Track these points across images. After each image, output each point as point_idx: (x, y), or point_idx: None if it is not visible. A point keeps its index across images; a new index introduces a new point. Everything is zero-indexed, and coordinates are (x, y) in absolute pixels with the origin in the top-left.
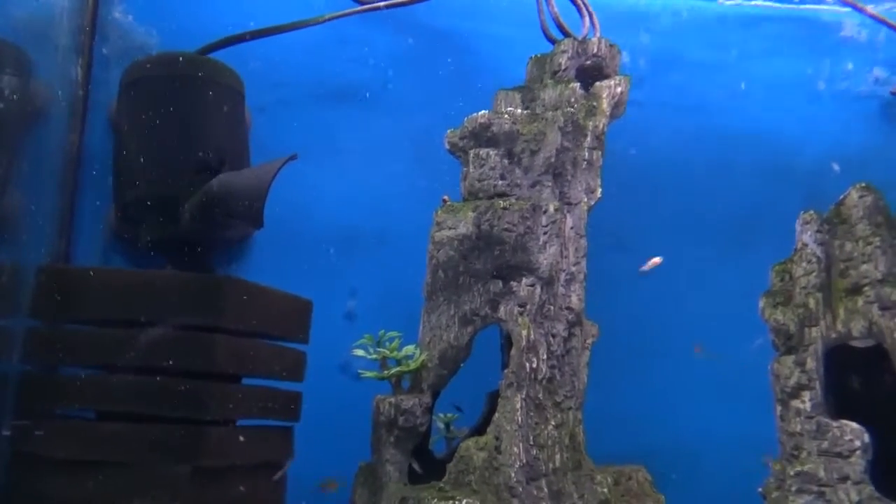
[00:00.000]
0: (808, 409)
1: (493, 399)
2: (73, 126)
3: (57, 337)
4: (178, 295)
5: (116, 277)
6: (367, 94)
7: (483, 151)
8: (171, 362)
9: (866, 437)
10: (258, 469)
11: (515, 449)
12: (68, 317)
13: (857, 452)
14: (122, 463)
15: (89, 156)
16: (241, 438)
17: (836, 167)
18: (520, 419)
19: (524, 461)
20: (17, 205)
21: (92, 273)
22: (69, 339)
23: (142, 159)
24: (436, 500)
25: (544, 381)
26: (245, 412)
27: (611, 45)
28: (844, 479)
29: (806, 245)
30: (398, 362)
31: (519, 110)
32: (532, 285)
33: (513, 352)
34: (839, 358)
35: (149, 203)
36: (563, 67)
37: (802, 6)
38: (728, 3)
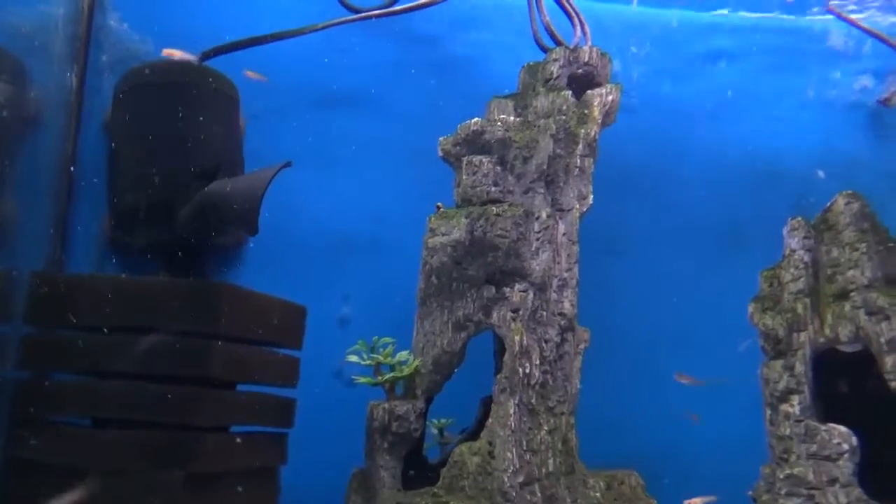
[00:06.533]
0: (797, 413)
1: (487, 404)
2: (68, 133)
3: (51, 343)
4: (172, 301)
5: (111, 284)
6: (362, 101)
7: (476, 158)
8: (165, 369)
9: (854, 441)
10: (252, 475)
11: (509, 454)
12: (63, 323)
13: (846, 455)
14: (117, 469)
15: (84, 163)
16: (235, 445)
17: (820, 174)
18: (513, 424)
19: (517, 466)
20: (11, 211)
21: (86, 279)
22: (64, 346)
23: (136, 166)
24: None
25: (537, 387)
26: (239, 418)
27: (602, 54)
28: (833, 481)
29: (794, 251)
30: (392, 368)
31: (511, 118)
32: (525, 291)
33: (506, 357)
34: (827, 362)
35: (143, 209)
36: (554, 76)
37: (790, 17)
38: (717, 13)
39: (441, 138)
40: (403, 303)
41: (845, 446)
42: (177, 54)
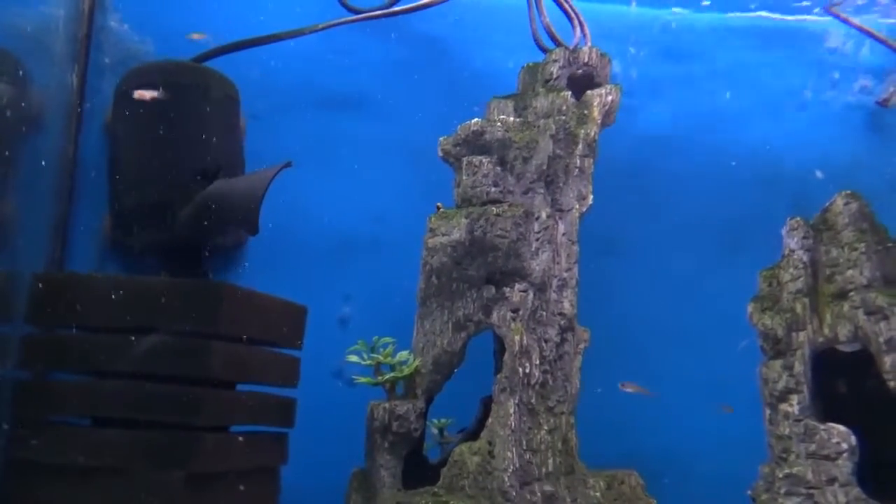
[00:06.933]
0: (796, 413)
1: (487, 404)
2: (69, 134)
3: (52, 343)
4: (173, 301)
5: (112, 284)
6: (363, 102)
7: (476, 159)
8: (165, 368)
9: (853, 440)
10: (252, 474)
11: (509, 454)
12: (64, 323)
13: (844, 455)
14: (117, 469)
15: (85, 163)
16: (236, 444)
17: (819, 174)
18: (513, 424)
19: (517, 466)
20: (12, 211)
21: (87, 279)
22: (65, 346)
23: (137, 166)
24: None
25: (537, 386)
26: (239, 418)
27: (601, 55)
28: (832, 480)
29: (793, 251)
30: (392, 368)
31: (511, 118)
32: (525, 291)
33: (506, 357)
34: (826, 362)
35: (144, 210)
36: (554, 76)
37: (789, 17)
38: (717, 14)
39: (441, 138)
40: (404, 303)
41: (844, 445)
42: (147, 95)
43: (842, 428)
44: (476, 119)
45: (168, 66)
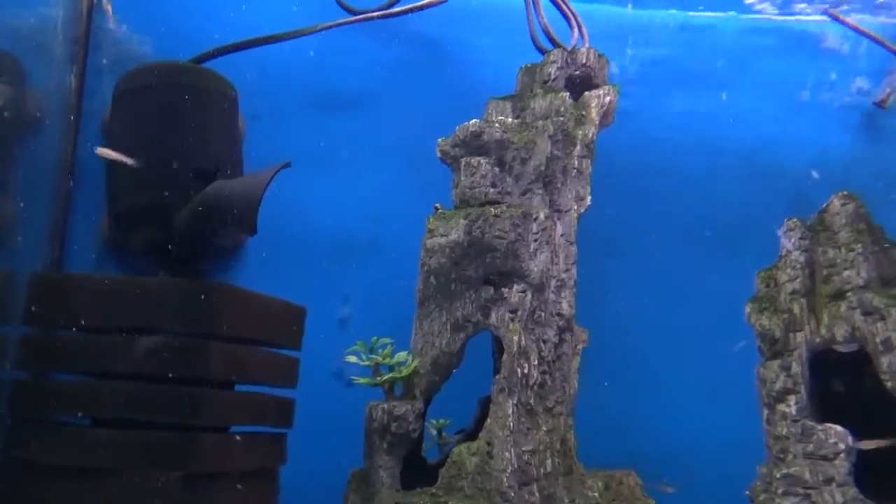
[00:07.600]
0: (794, 413)
1: (485, 405)
2: (68, 134)
3: (50, 344)
4: (171, 302)
5: (110, 284)
6: (362, 103)
7: (474, 160)
8: (164, 369)
9: (850, 440)
10: (251, 475)
11: (507, 454)
12: (62, 324)
13: (842, 455)
14: (115, 469)
15: (83, 164)
16: (235, 445)
17: (815, 175)
18: (511, 424)
19: (516, 466)
20: (10, 212)
21: (85, 280)
22: (62, 346)
23: (135, 167)
24: None
25: (535, 387)
26: (238, 419)
27: (599, 56)
28: (829, 481)
29: (790, 252)
30: (391, 369)
31: (509, 119)
32: (523, 292)
33: (504, 358)
34: (823, 362)
35: (142, 210)
36: (552, 77)
37: (786, 18)
38: (714, 14)
39: (440, 139)
40: (402, 304)
41: (841, 446)
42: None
43: (839, 428)
44: (474, 120)
45: (166, 66)
